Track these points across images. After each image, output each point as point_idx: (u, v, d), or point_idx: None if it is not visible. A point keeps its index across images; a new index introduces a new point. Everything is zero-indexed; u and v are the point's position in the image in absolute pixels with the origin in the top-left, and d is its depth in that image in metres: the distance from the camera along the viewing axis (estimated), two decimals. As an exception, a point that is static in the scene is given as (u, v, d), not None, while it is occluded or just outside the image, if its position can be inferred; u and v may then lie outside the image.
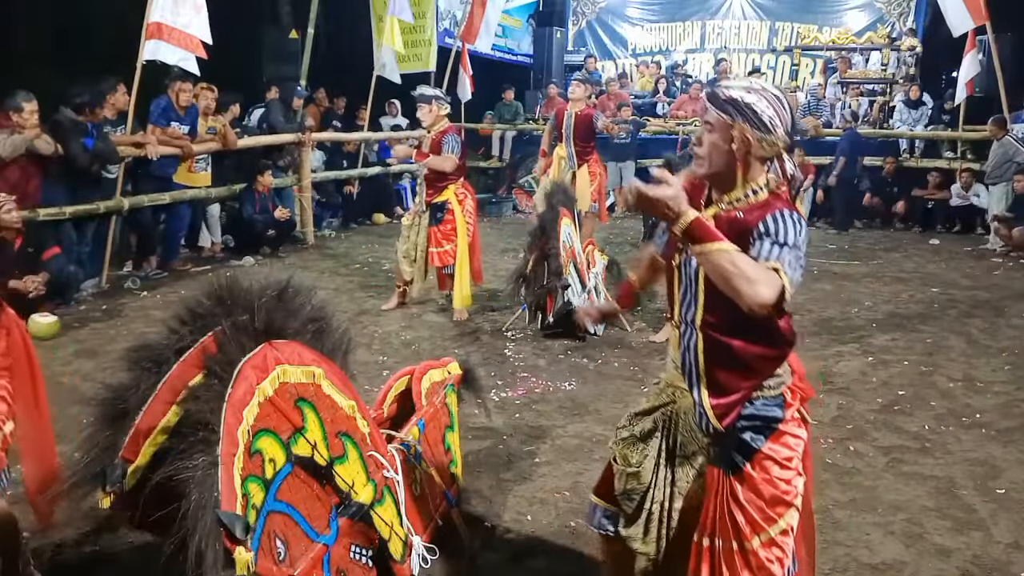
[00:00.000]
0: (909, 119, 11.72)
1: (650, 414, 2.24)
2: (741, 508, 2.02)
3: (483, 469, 3.62)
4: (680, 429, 2.18)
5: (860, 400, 4.54)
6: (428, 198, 6.04)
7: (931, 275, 7.88)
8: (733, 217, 1.98)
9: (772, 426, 2.05)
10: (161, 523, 1.92)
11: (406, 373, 3.07)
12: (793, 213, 1.93)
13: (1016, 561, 2.94)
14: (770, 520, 2.02)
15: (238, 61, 10.62)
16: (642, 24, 16.08)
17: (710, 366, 2.06)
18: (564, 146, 7.99)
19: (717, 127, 1.97)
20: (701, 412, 2.08)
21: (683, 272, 2.09)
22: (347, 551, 2.23)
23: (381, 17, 10.82)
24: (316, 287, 2.41)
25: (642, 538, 2.21)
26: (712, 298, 1.99)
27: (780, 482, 2.03)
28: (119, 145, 6.79)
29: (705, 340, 2.05)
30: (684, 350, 2.11)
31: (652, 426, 2.22)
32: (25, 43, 12.27)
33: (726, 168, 1.99)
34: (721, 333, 2.03)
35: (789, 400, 2.08)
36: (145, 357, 2.11)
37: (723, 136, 1.97)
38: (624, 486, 2.22)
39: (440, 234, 6.04)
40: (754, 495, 2.02)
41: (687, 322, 2.09)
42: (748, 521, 2.01)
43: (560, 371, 4.99)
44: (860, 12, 14.78)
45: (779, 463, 2.04)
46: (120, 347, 4.55)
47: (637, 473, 2.19)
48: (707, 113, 1.99)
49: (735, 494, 2.03)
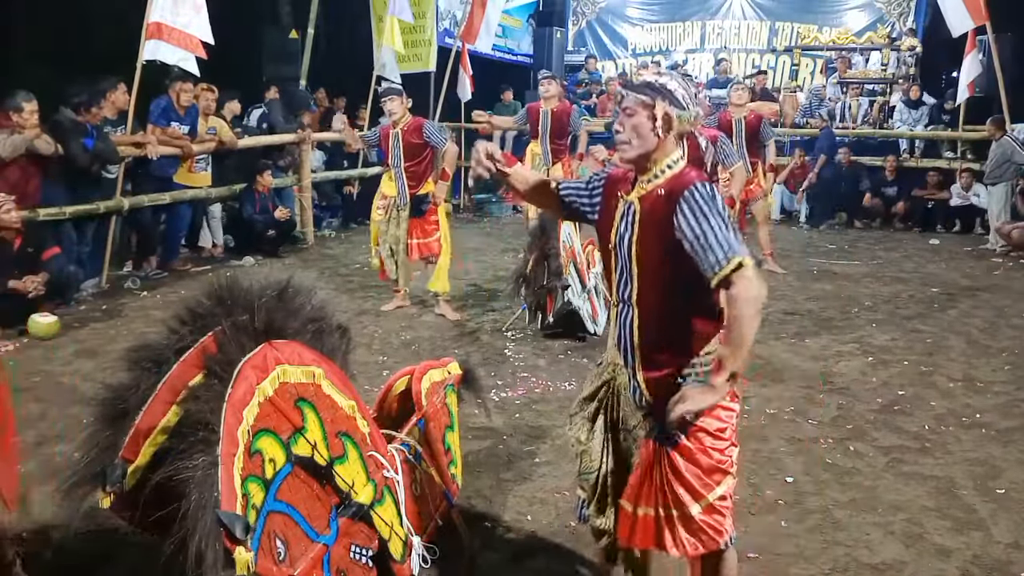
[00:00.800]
0: (909, 119, 11.72)
1: (596, 395, 2.36)
2: (680, 477, 2.14)
3: (483, 469, 3.62)
4: (621, 405, 2.30)
5: (860, 400, 4.54)
6: (411, 191, 6.04)
7: (931, 275, 7.88)
8: (656, 195, 2.15)
9: None
10: (161, 523, 1.91)
11: (406, 373, 3.07)
12: (705, 183, 2.10)
13: (1016, 561, 2.94)
14: (708, 487, 2.15)
15: (238, 61, 10.61)
16: (642, 24, 16.07)
17: (644, 341, 2.19)
18: (539, 143, 7.96)
19: (638, 109, 2.14)
20: (635, 386, 2.22)
21: (618, 252, 2.23)
22: (347, 551, 2.23)
23: (381, 17, 10.82)
24: (316, 287, 2.41)
25: (596, 513, 2.35)
26: (647, 275, 2.16)
27: (714, 452, 2.16)
28: (119, 145, 6.80)
29: (640, 316, 2.19)
30: (620, 327, 2.24)
31: (597, 405, 2.35)
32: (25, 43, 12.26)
33: (650, 148, 2.15)
34: (656, 309, 2.16)
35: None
36: (145, 357, 2.11)
37: (646, 116, 2.14)
38: (580, 466, 2.37)
39: (425, 225, 6.07)
40: (691, 464, 2.14)
41: (623, 300, 2.23)
42: (687, 489, 2.14)
43: (560, 371, 4.99)
44: (860, 12, 14.77)
45: (712, 434, 2.16)
46: (120, 347, 4.55)
47: (587, 450, 2.33)
48: (625, 100, 2.16)
49: (674, 465, 2.15)
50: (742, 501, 3.33)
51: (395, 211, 6.12)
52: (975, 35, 9.82)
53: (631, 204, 2.20)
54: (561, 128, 7.89)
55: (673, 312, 2.15)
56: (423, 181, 6.06)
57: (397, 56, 10.76)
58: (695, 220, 2.03)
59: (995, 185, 9.36)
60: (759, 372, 4.95)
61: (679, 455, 2.14)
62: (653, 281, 2.15)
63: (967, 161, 10.60)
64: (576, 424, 2.38)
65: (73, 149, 6.31)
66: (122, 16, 9.40)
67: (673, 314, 2.15)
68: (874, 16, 14.56)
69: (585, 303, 5.67)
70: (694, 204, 2.05)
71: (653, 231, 2.13)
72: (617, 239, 2.22)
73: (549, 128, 7.86)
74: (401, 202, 6.09)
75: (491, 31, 12.57)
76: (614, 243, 2.23)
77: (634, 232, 2.18)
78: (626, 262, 2.20)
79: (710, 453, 2.15)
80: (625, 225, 2.20)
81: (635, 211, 2.18)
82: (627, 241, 2.18)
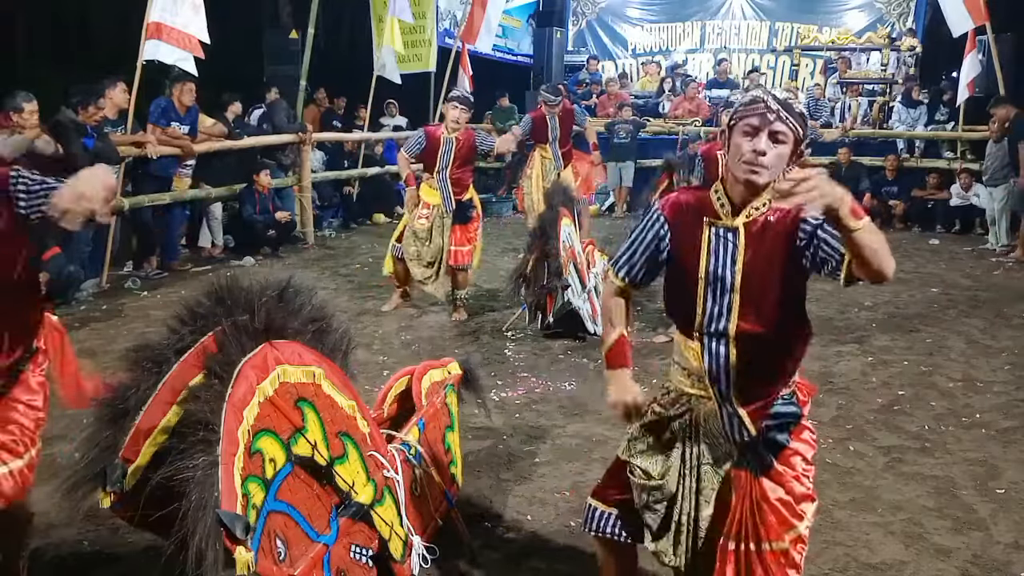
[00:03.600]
0: (908, 119, 11.72)
1: (665, 425, 2.21)
2: (772, 507, 2.05)
3: (483, 469, 3.62)
4: (702, 436, 2.16)
5: (860, 400, 4.54)
6: (457, 196, 5.96)
7: (931, 275, 7.87)
8: (765, 221, 2.02)
9: (793, 423, 2.09)
10: (161, 523, 1.92)
11: (406, 373, 3.07)
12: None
13: (1016, 561, 2.94)
14: (798, 516, 2.07)
15: (238, 61, 10.63)
16: (642, 24, 16.06)
17: (743, 374, 2.06)
18: (548, 147, 7.94)
19: (791, 139, 1.98)
20: (734, 420, 2.08)
21: (714, 283, 2.06)
22: (347, 551, 2.23)
23: (381, 17, 10.81)
24: (316, 287, 2.41)
25: (672, 551, 2.19)
26: (749, 305, 2.03)
27: (805, 477, 2.08)
28: (119, 145, 6.79)
29: (739, 349, 2.05)
30: (711, 360, 2.08)
31: (671, 436, 2.20)
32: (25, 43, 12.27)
33: (777, 175, 1.98)
34: (757, 339, 2.04)
35: (801, 397, 2.13)
36: (145, 357, 2.11)
37: (793, 148, 1.99)
38: (647, 499, 2.19)
39: (466, 232, 6.04)
40: (784, 492, 2.05)
41: (714, 333, 2.07)
42: (779, 520, 2.04)
43: (560, 371, 4.99)
44: (860, 12, 14.77)
45: (804, 457, 2.09)
46: (120, 347, 4.55)
47: (661, 486, 2.17)
48: (775, 124, 1.96)
49: (764, 495, 2.05)
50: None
51: (439, 219, 5.95)
52: (975, 35, 9.82)
53: (734, 231, 2.05)
54: (569, 131, 7.95)
55: (777, 340, 2.05)
56: (467, 187, 6.03)
57: (397, 56, 10.77)
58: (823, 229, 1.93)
59: (996, 187, 9.31)
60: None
61: (772, 482, 2.06)
62: (758, 310, 2.03)
63: (967, 161, 10.59)
64: (641, 454, 2.22)
65: (73, 149, 6.30)
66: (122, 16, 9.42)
67: (777, 342, 2.06)
68: (874, 16, 14.55)
69: (585, 303, 5.67)
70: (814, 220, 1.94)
71: (765, 258, 2.02)
72: (710, 270, 2.06)
73: (559, 134, 7.87)
74: (448, 208, 5.95)
75: (491, 31, 12.58)
76: (705, 274, 2.07)
77: (739, 260, 2.03)
78: (725, 292, 2.05)
79: (802, 479, 2.07)
80: (723, 254, 2.05)
81: (740, 237, 2.04)
82: (729, 271, 2.04)
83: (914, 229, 10.68)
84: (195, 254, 8.35)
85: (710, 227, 2.07)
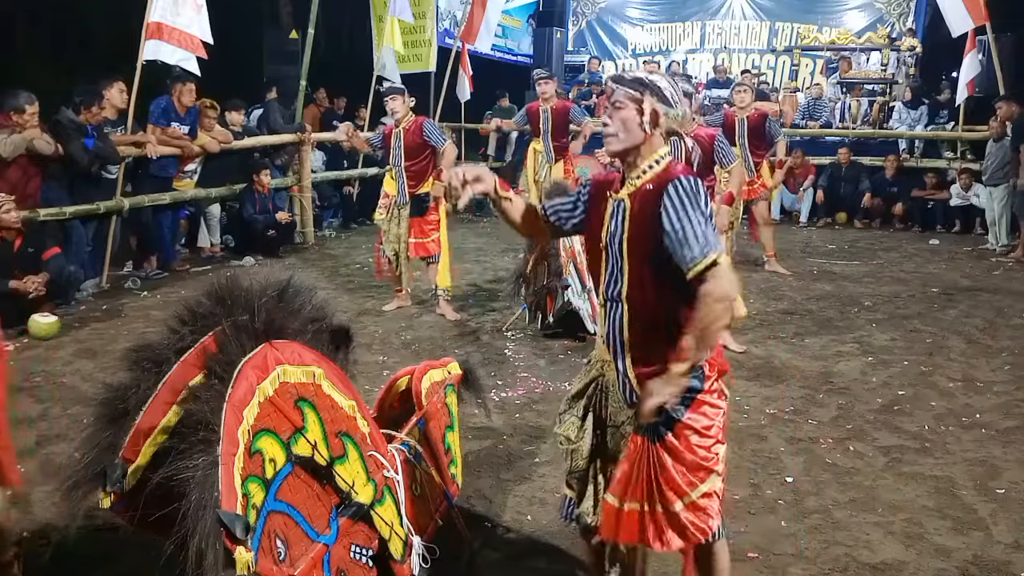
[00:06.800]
0: (908, 119, 11.72)
1: (584, 392, 2.38)
2: (665, 473, 2.16)
3: (483, 469, 3.62)
4: (609, 401, 2.32)
5: (860, 400, 4.54)
6: (411, 189, 6.07)
7: (931, 275, 7.87)
8: (645, 190, 2.18)
9: (691, 396, 2.17)
10: (161, 523, 1.92)
11: (406, 373, 3.07)
12: (690, 176, 2.13)
13: (1016, 561, 2.94)
14: (692, 484, 2.17)
15: (238, 61, 10.63)
16: (642, 24, 16.08)
17: (634, 338, 2.21)
18: (541, 141, 8.03)
19: (627, 103, 2.18)
20: (625, 382, 2.24)
21: (609, 250, 2.24)
22: (347, 551, 2.23)
23: (381, 17, 10.82)
24: (316, 287, 2.41)
25: (592, 510, 2.34)
26: (637, 271, 2.18)
27: (700, 449, 2.18)
28: (119, 145, 6.79)
29: (630, 312, 2.21)
30: (609, 324, 2.26)
31: (586, 402, 2.36)
32: (25, 43, 12.27)
33: (637, 142, 2.18)
34: (646, 304, 2.18)
35: (708, 372, 2.21)
36: (145, 357, 2.11)
37: (634, 110, 2.17)
38: (570, 464, 2.37)
39: (424, 224, 6.10)
40: (676, 461, 2.16)
41: (612, 297, 2.25)
42: (671, 486, 2.15)
43: (560, 371, 4.99)
44: (860, 12, 14.78)
45: (698, 432, 2.18)
46: (120, 347, 4.56)
47: (577, 448, 2.34)
48: (615, 94, 2.20)
49: (660, 461, 2.16)
50: (742, 501, 3.34)
51: (396, 210, 6.14)
52: (975, 35, 9.81)
53: (621, 202, 2.23)
54: (562, 126, 7.97)
55: (663, 307, 2.16)
56: (423, 180, 6.08)
57: (397, 56, 10.76)
58: (676, 213, 2.08)
59: (996, 187, 9.30)
60: (759, 372, 4.96)
61: (665, 451, 2.16)
62: (643, 277, 2.17)
63: (967, 161, 10.59)
64: (565, 422, 2.39)
65: (73, 149, 6.31)
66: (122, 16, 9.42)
67: (663, 309, 2.17)
68: (874, 16, 14.56)
69: (585, 303, 5.66)
70: (677, 197, 2.09)
71: (643, 226, 2.16)
72: (608, 237, 2.24)
73: (550, 127, 7.92)
74: (401, 200, 6.11)
75: (491, 31, 12.57)
76: (604, 242, 2.25)
77: (625, 229, 2.20)
78: (616, 259, 2.22)
79: (695, 450, 2.17)
80: (616, 223, 2.22)
81: (625, 208, 2.21)
82: (618, 238, 2.21)
83: (914, 229, 10.69)
84: (195, 254, 8.35)
85: (610, 199, 2.27)
